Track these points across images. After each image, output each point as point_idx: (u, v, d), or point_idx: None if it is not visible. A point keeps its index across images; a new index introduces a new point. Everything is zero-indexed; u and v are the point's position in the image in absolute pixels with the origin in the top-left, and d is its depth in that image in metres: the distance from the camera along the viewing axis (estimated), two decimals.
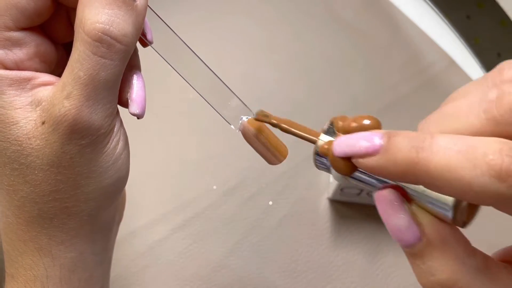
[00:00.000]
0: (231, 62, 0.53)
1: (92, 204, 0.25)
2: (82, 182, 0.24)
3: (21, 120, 0.23)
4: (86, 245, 0.26)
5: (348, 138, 0.20)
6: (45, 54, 0.24)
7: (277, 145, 0.28)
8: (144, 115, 0.25)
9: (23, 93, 0.23)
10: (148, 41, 0.25)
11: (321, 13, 0.56)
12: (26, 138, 0.23)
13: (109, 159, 0.24)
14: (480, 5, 0.54)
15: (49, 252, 0.25)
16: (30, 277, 0.25)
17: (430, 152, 0.17)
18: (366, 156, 0.18)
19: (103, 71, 0.22)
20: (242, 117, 0.28)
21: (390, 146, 0.18)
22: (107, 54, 0.22)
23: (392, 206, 0.19)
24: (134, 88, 0.25)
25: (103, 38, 0.21)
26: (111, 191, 0.25)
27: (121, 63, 0.22)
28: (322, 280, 0.44)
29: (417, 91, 0.52)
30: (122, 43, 0.22)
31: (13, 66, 0.23)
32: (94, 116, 0.22)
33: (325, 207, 0.46)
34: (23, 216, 0.24)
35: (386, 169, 0.18)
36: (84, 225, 0.25)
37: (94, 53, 0.21)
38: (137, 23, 0.23)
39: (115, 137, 0.24)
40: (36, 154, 0.23)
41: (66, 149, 0.23)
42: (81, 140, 0.22)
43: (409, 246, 0.19)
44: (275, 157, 0.28)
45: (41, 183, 0.23)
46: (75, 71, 0.22)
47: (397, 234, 0.19)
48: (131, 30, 0.22)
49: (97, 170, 0.24)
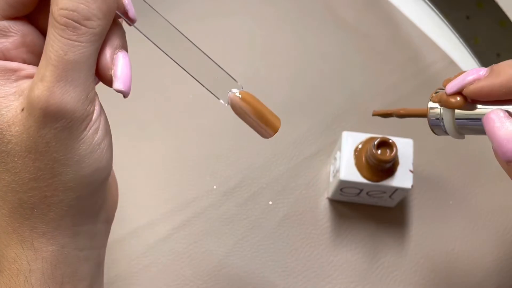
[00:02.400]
0: (231, 62, 0.53)
1: (70, 194, 0.25)
2: (59, 170, 0.24)
3: (2, 109, 0.23)
4: (68, 238, 0.26)
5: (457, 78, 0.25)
6: (32, 44, 0.25)
7: (268, 116, 0.27)
8: (129, 93, 0.25)
9: (7, 83, 0.24)
10: (130, 20, 0.25)
11: (321, 13, 0.56)
12: (7, 125, 0.23)
13: (87, 147, 0.24)
14: (480, 5, 0.54)
15: (31, 245, 0.25)
16: (13, 271, 0.25)
17: None
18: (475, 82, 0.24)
19: (71, 52, 0.22)
20: (230, 91, 0.27)
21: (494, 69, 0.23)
22: (74, 36, 0.22)
23: (499, 120, 0.24)
24: (117, 65, 0.25)
25: (68, 22, 0.22)
26: (89, 182, 0.25)
27: (90, 45, 0.23)
28: (322, 280, 0.44)
29: (417, 91, 0.52)
30: (87, 26, 0.23)
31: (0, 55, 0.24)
32: (66, 97, 0.23)
33: (325, 207, 0.46)
34: (6, 206, 0.25)
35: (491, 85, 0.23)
36: (64, 217, 0.25)
37: (61, 36, 0.22)
38: (104, 7, 0.23)
39: (94, 124, 0.24)
40: (15, 141, 0.23)
41: (41, 133, 0.23)
42: (55, 123, 0.23)
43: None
44: (266, 130, 0.27)
45: (20, 170, 0.24)
46: (47, 54, 0.23)
47: (504, 145, 0.23)
48: (96, 13, 0.23)
49: (73, 158, 0.24)
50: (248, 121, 0.27)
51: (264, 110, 0.27)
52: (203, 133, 0.49)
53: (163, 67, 0.48)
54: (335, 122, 0.50)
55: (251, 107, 0.27)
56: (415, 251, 0.45)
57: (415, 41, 0.55)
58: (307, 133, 0.49)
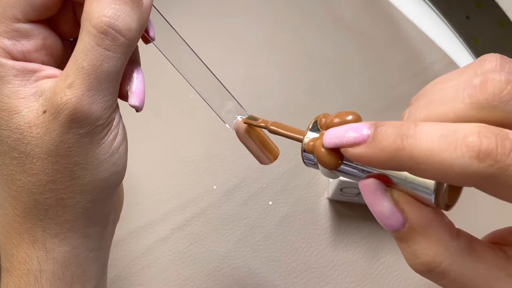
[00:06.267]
0: (231, 62, 0.53)
1: (87, 197, 0.25)
2: (78, 173, 0.24)
3: (23, 109, 0.23)
4: (80, 239, 0.26)
5: (337, 130, 0.21)
6: (51, 47, 0.25)
7: (268, 145, 0.29)
8: (143, 108, 0.26)
9: (27, 84, 0.24)
10: (150, 38, 0.26)
11: (321, 13, 0.56)
12: (27, 126, 0.23)
13: (106, 152, 0.25)
14: (480, 5, 0.55)
15: (43, 245, 0.25)
16: (24, 270, 0.25)
17: (415, 138, 0.18)
18: (354, 146, 0.19)
19: (106, 63, 0.22)
20: (237, 117, 0.29)
21: (377, 135, 0.19)
22: (111, 47, 0.22)
23: (375, 194, 0.20)
24: (134, 81, 0.25)
25: (108, 31, 0.22)
26: (106, 185, 0.26)
27: (124, 57, 0.23)
28: (322, 280, 0.44)
29: (417, 91, 0.52)
30: (125, 37, 0.23)
31: (20, 57, 0.24)
32: (94, 106, 0.23)
33: (325, 207, 0.46)
34: (20, 207, 0.25)
35: (373, 156, 0.19)
36: (78, 219, 0.26)
37: (98, 45, 0.22)
38: (141, 20, 0.23)
39: (114, 130, 0.25)
40: (35, 143, 0.23)
41: (64, 138, 0.23)
42: (79, 129, 0.23)
43: (394, 231, 0.20)
44: (266, 157, 0.29)
45: (38, 172, 0.24)
46: (79, 61, 0.22)
47: (382, 220, 0.20)
48: (135, 25, 0.23)
49: (93, 162, 0.24)
50: (251, 147, 0.28)
51: (266, 139, 0.29)
52: (203, 133, 0.49)
53: (163, 67, 0.48)
54: None
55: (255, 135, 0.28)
56: None
57: (415, 41, 0.55)
58: None
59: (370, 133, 0.19)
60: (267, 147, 0.29)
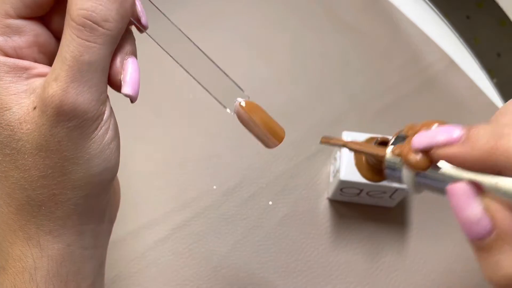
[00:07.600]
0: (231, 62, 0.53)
1: (79, 193, 0.25)
2: (70, 168, 0.24)
3: (14, 106, 0.24)
4: (74, 237, 0.26)
5: (428, 132, 0.21)
6: (44, 45, 0.25)
7: (273, 127, 0.28)
8: (137, 98, 0.26)
9: (19, 81, 0.24)
10: (142, 26, 0.26)
11: (321, 13, 0.56)
12: (18, 123, 0.24)
13: (97, 147, 0.25)
14: (480, 5, 0.54)
15: (37, 242, 0.25)
16: (19, 268, 0.25)
17: (509, 139, 0.18)
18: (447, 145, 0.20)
19: (86, 53, 0.23)
20: (236, 100, 0.28)
21: (470, 135, 0.19)
22: (90, 37, 0.23)
23: (465, 198, 0.20)
24: (127, 70, 0.25)
25: (86, 22, 0.22)
26: (98, 181, 0.26)
27: (106, 47, 0.23)
28: (322, 280, 0.44)
29: (417, 91, 0.52)
30: (104, 27, 0.23)
31: (12, 53, 0.24)
32: (80, 98, 0.23)
33: (325, 207, 0.46)
34: (13, 204, 0.25)
35: (467, 156, 0.19)
36: (71, 215, 0.26)
37: (78, 36, 0.23)
38: (121, 10, 0.24)
39: (104, 125, 0.25)
40: (26, 139, 0.24)
41: (54, 132, 0.23)
42: (68, 123, 0.23)
43: (480, 238, 0.19)
44: (271, 139, 0.28)
45: (30, 168, 0.24)
46: (62, 54, 0.23)
47: (469, 227, 0.19)
48: (113, 15, 0.23)
49: (84, 157, 0.24)
50: (253, 131, 0.28)
51: (270, 120, 0.28)
52: (203, 133, 0.49)
53: (163, 67, 0.48)
54: (335, 122, 0.50)
55: (257, 117, 0.27)
56: (415, 251, 0.45)
57: (415, 41, 0.55)
58: (307, 133, 0.49)
59: (463, 133, 0.19)
60: (272, 128, 0.27)
